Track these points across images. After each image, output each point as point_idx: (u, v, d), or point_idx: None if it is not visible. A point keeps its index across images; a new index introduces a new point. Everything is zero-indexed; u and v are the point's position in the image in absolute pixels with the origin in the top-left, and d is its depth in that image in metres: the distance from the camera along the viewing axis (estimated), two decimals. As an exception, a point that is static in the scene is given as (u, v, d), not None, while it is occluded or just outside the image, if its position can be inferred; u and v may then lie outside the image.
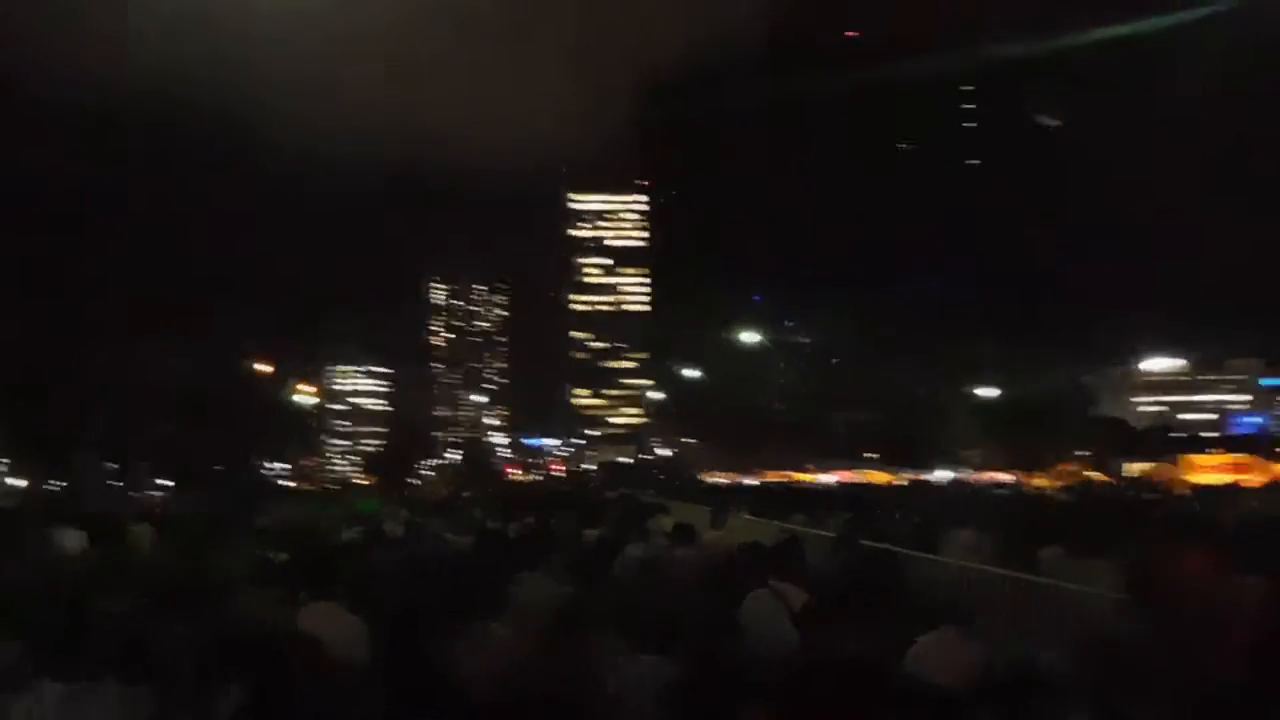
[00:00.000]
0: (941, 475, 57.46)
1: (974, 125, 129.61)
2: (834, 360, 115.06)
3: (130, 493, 48.27)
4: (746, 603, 5.49)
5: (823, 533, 10.66)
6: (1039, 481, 45.27)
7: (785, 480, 54.06)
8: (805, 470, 61.54)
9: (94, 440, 46.53)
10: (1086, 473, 51.51)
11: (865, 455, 68.18)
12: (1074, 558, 6.90)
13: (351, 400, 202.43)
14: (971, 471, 57.09)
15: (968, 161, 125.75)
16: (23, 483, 58.64)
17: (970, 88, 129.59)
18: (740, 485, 56.48)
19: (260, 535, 12.99)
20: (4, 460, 66.96)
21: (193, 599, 5.47)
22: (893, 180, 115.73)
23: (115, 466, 54.33)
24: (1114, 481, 41.90)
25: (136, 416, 44.49)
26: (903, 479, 58.06)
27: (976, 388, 59.53)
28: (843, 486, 46.74)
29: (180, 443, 42.06)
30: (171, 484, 44.18)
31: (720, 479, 73.43)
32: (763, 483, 58.68)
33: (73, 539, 11.38)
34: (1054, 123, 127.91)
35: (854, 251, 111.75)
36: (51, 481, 53.18)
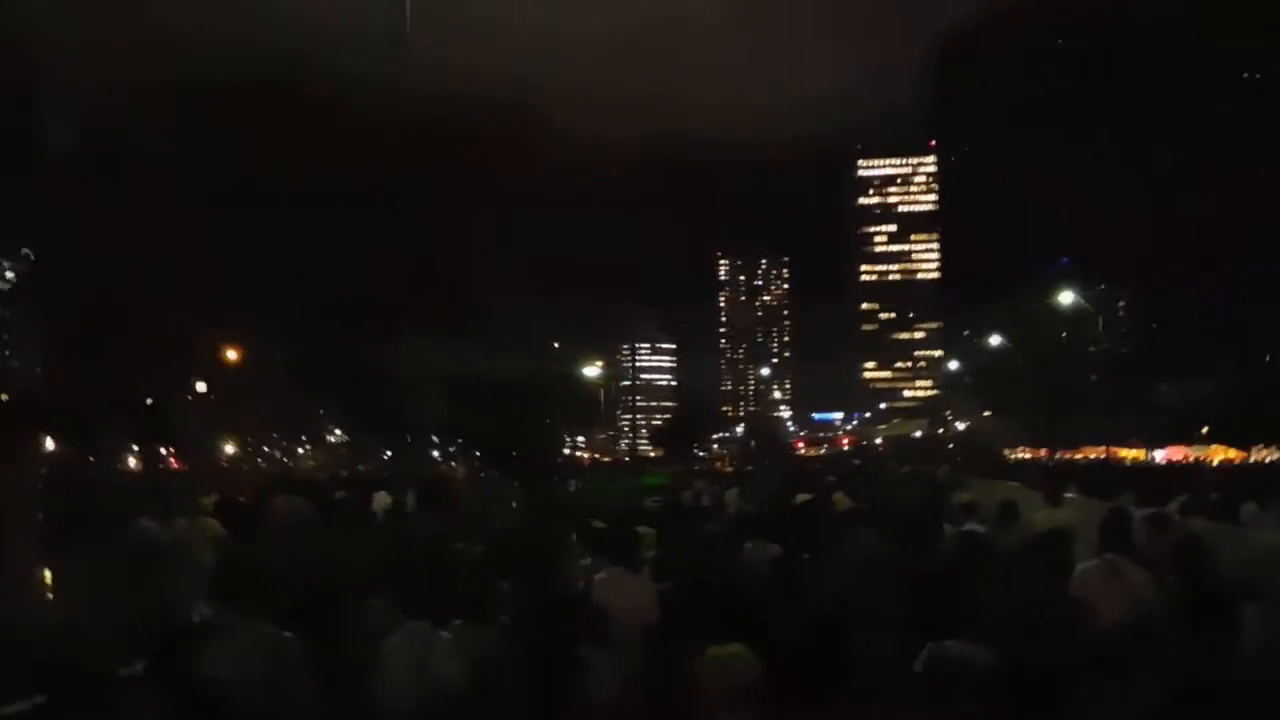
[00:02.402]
0: None
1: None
2: (1154, 325, 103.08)
3: (451, 464, 53.73)
4: (1078, 575, 5.53)
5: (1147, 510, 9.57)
6: None
7: (1107, 457, 49.06)
8: (1130, 446, 55.56)
9: (418, 419, 52.24)
10: None
11: (1202, 430, 60.49)
12: None
13: (643, 376, 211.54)
14: None
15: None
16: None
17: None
18: (1052, 461, 52.24)
19: (571, 503, 13.82)
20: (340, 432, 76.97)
21: (525, 558, 5.97)
22: (1229, 122, 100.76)
23: (435, 440, 61.02)
24: None
25: (448, 397, 49.32)
26: (1262, 455, 50.90)
27: None
28: (1176, 465, 41.62)
29: (489, 421, 45.96)
30: (479, 458, 48.21)
31: (1025, 454, 68.65)
32: (1080, 459, 53.97)
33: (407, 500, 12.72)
34: None
35: (1184, 203, 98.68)
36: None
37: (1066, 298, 50.73)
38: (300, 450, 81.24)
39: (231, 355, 41.37)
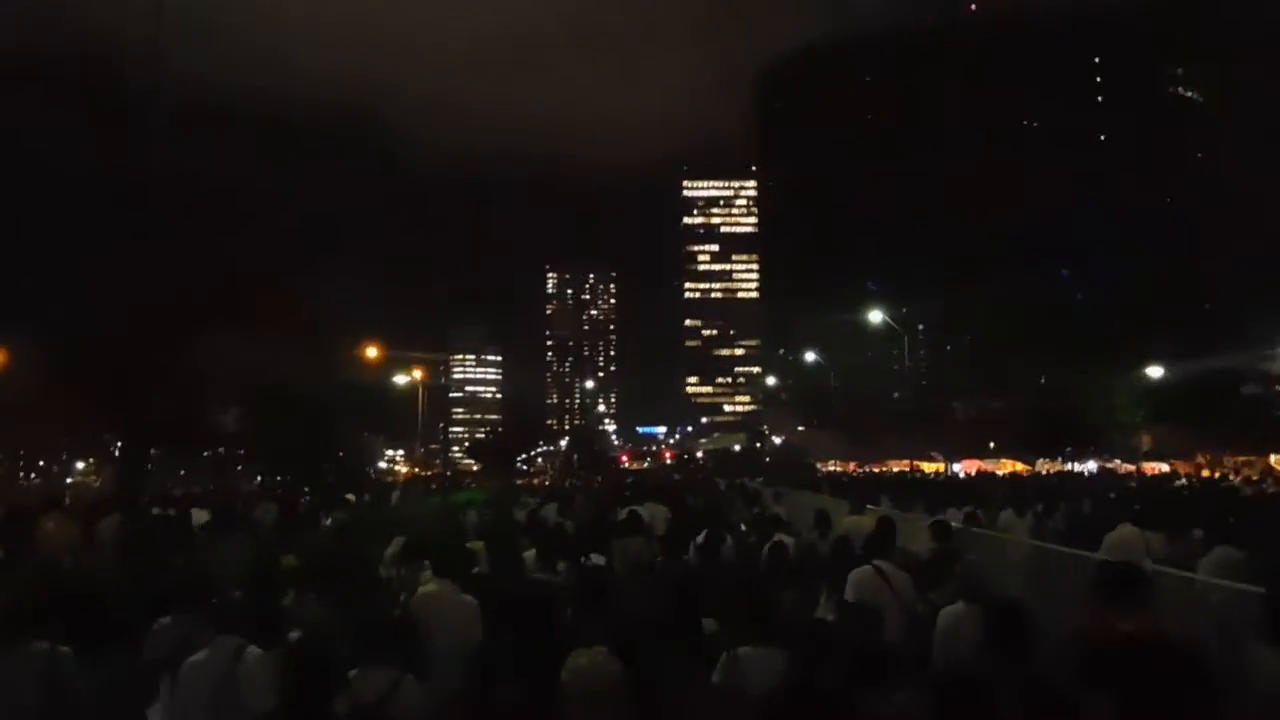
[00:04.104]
0: (1085, 466, 54.38)
1: (1103, 99, 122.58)
2: (948, 348, 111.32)
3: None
4: (852, 579, 6.02)
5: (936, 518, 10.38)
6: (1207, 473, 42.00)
7: (910, 470, 52.27)
8: (931, 459, 59.50)
9: (211, 432, 48.99)
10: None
11: (991, 444, 65.55)
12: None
13: (468, 387, 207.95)
14: (1120, 462, 53.47)
15: (1100, 137, 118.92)
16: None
17: (1098, 59, 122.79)
18: (862, 474, 55.09)
19: (391, 518, 13.35)
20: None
21: (338, 574, 5.86)
22: (1019, 160, 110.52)
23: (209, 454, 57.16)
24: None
25: (247, 407, 46.38)
26: (1045, 468, 55.26)
27: (1130, 371, 54.51)
28: (968, 477, 44.71)
29: (293, 432, 43.30)
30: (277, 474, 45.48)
31: (836, 467, 72.11)
32: (883, 471, 57.19)
33: (201, 519, 11.93)
34: (1193, 95, 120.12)
35: (977, 235, 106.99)
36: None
37: (875, 317, 53.59)
38: (80, 465, 74.16)
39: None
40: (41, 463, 72.22)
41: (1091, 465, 54.14)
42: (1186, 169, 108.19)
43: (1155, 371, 50.22)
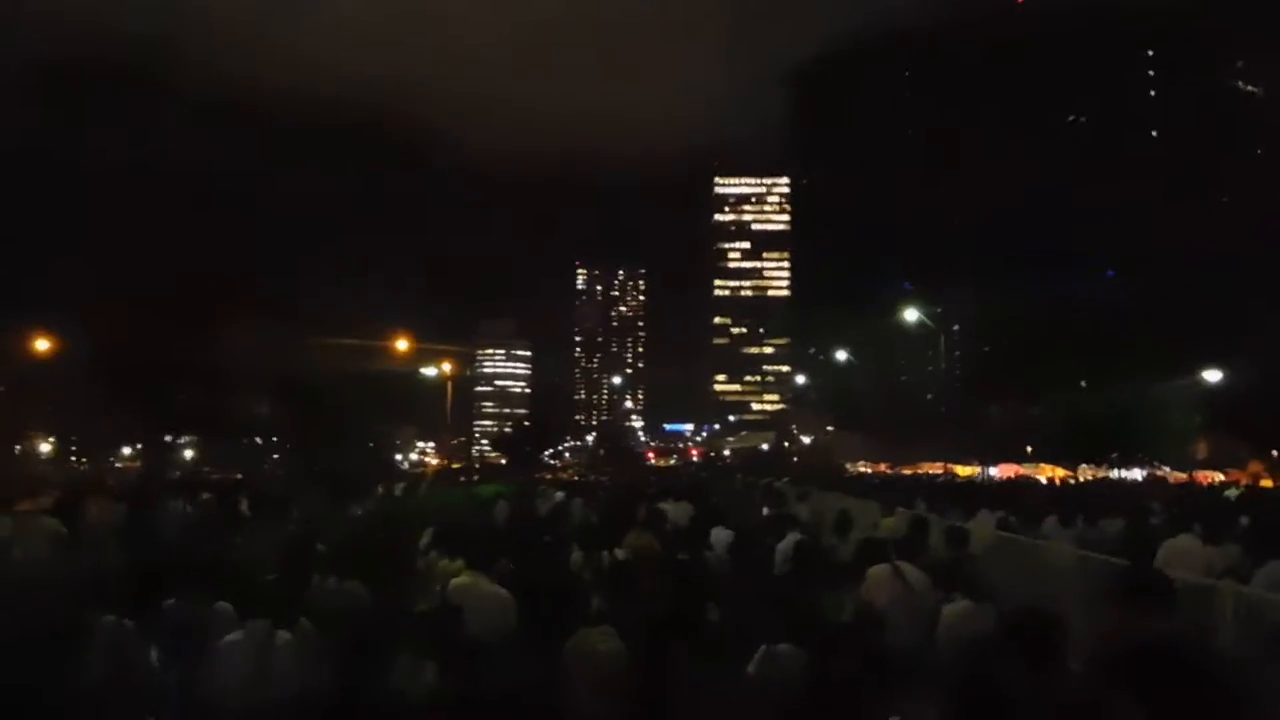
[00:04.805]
0: (1131, 474, 52.91)
1: (1155, 93, 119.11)
2: (985, 349, 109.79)
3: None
4: (869, 576, 6.08)
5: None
6: (1266, 483, 40.48)
7: (945, 473, 51.26)
8: (967, 463, 58.33)
9: (237, 422, 49.83)
10: None
11: (1029, 448, 64.24)
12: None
13: (497, 381, 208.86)
14: (1171, 470, 51.86)
15: (1150, 134, 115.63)
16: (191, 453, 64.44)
17: (1151, 52, 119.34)
18: (894, 475, 54.48)
19: (420, 508, 13.58)
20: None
21: (370, 561, 5.98)
22: (1062, 156, 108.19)
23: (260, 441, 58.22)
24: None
25: (280, 397, 47.13)
26: (1087, 475, 53.89)
27: (1181, 375, 52.36)
28: (1008, 481, 43.78)
29: (321, 422, 43.82)
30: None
31: (867, 469, 71.50)
32: (915, 474, 56.51)
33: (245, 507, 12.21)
34: (1252, 90, 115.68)
35: (1016, 233, 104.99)
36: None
37: (910, 316, 52.58)
38: (126, 451, 75.98)
39: (42, 345, 36.06)
40: (86, 447, 74.00)
41: (1138, 473, 52.71)
42: (1243, 166, 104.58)
43: (1212, 376, 48.16)
